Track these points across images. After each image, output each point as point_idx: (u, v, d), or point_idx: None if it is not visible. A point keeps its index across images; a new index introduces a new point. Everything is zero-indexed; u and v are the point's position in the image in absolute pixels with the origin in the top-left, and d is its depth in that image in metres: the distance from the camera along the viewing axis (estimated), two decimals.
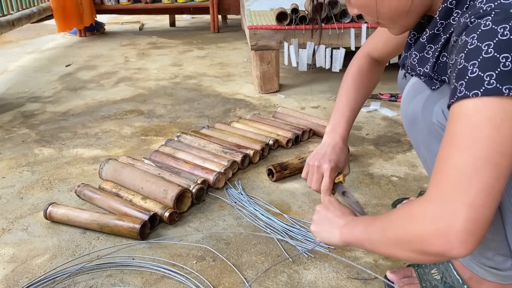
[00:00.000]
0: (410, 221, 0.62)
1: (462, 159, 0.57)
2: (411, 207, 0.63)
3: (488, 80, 0.57)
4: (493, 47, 0.58)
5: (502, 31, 0.58)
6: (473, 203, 0.56)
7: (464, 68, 0.60)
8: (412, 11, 0.74)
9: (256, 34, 2.18)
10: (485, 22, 0.60)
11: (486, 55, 0.58)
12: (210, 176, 1.37)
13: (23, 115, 2.12)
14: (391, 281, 0.95)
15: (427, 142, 0.80)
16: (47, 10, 3.56)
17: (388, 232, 0.67)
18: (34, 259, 1.10)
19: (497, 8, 0.60)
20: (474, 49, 0.60)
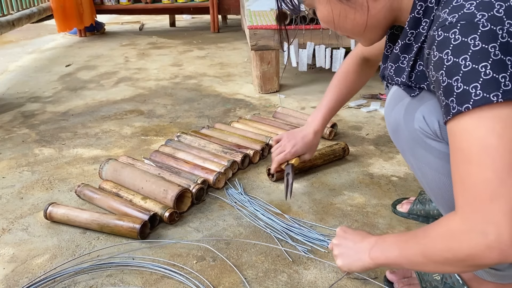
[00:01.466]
0: (455, 241, 0.62)
1: (483, 173, 0.59)
2: (450, 228, 0.63)
3: (474, 91, 0.59)
4: (470, 60, 0.59)
5: (473, 42, 0.59)
6: (510, 210, 0.57)
7: (449, 85, 0.61)
8: (375, 25, 0.77)
9: (256, 34, 2.18)
10: (454, 36, 0.61)
11: (465, 68, 0.59)
12: (210, 176, 1.37)
13: (23, 115, 2.12)
14: (391, 281, 0.95)
15: (412, 148, 0.81)
16: (47, 10, 3.56)
17: (431, 255, 0.66)
18: (34, 259, 1.10)
19: (462, 19, 0.61)
20: (452, 65, 0.61)
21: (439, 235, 0.65)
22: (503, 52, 0.58)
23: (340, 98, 1.26)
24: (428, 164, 0.79)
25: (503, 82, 0.58)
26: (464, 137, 0.60)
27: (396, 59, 0.80)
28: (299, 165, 1.45)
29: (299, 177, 1.45)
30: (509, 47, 0.58)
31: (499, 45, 0.58)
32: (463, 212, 0.61)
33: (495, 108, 0.58)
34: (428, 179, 0.82)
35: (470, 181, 0.60)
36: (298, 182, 1.42)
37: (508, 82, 0.58)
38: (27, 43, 3.91)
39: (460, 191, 0.62)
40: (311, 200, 1.33)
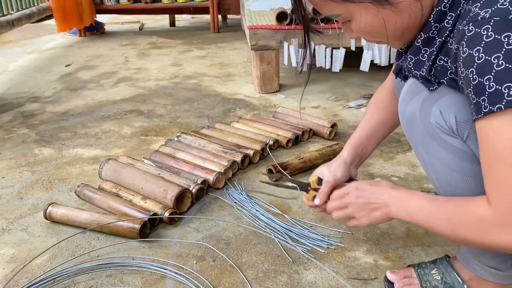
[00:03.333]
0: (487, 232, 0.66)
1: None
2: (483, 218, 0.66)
3: (507, 92, 0.58)
4: (503, 59, 0.58)
5: (507, 40, 0.58)
6: None
7: (481, 84, 0.61)
8: (414, 26, 0.75)
9: (256, 34, 2.18)
10: (486, 33, 0.59)
11: (498, 67, 0.59)
12: (210, 176, 1.37)
13: (23, 115, 2.12)
14: (391, 281, 0.95)
15: (425, 143, 0.80)
16: (47, 10, 3.56)
17: (460, 234, 0.70)
18: (34, 259, 1.10)
19: (495, 15, 0.59)
20: (484, 63, 0.60)
21: (471, 221, 0.68)
22: None
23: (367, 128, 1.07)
24: (441, 160, 0.78)
25: None
26: (496, 137, 0.61)
27: (417, 51, 0.79)
28: (298, 165, 1.45)
29: (299, 177, 1.45)
30: None
31: None
32: (497, 207, 0.63)
33: None
34: (439, 175, 0.80)
35: (503, 179, 0.62)
36: None
37: None
38: (27, 43, 3.91)
39: (493, 188, 0.64)
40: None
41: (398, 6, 0.71)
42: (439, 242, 1.11)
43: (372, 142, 1.06)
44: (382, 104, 1.05)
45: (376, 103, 1.07)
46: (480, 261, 0.85)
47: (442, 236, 0.76)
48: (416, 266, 0.94)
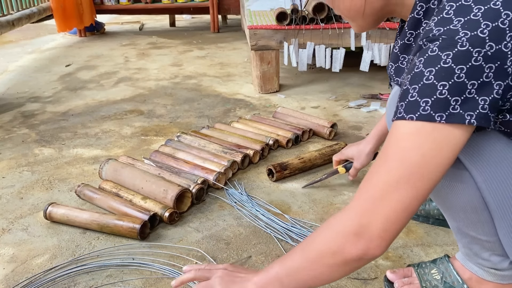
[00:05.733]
0: (332, 232, 0.67)
1: (388, 177, 0.62)
2: (331, 219, 0.69)
3: (423, 106, 0.60)
4: (434, 74, 0.59)
5: (445, 59, 0.59)
6: (389, 217, 0.62)
7: (407, 90, 0.62)
8: (368, 13, 0.75)
9: (256, 34, 2.18)
10: (432, 47, 0.61)
11: (426, 81, 0.60)
12: (210, 176, 1.37)
13: (23, 115, 2.12)
14: (391, 281, 0.95)
15: None
16: (47, 10, 3.56)
17: (309, 252, 0.69)
18: (34, 259, 1.10)
19: (444, 34, 0.60)
20: (418, 73, 0.61)
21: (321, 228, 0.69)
22: (468, 76, 0.58)
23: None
24: None
25: (453, 106, 0.59)
26: (394, 142, 0.63)
27: (396, 59, 0.80)
28: (298, 165, 1.45)
29: (299, 177, 1.45)
30: (479, 71, 0.58)
31: (467, 68, 0.58)
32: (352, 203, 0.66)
33: (434, 127, 0.60)
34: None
35: (374, 178, 0.64)
36: (298, 182, 1.42)
37: (457, 106, 0.59)
38: (27, 43, 3.91)
39: (363, 183, 0.66)
40: (311, 200, 1.32)
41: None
42: (439, 242, 1.11)
43: None
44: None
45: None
46: (477, 262, 0.85)
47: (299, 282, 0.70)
48: (416, 265, 0.94)
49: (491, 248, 0.80)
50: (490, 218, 0.75)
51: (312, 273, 0.69)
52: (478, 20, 0.59)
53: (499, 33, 0.58)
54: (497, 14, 0.59)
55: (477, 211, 0.76)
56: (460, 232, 0.84)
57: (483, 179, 0.72)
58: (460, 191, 0.76)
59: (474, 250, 0.84)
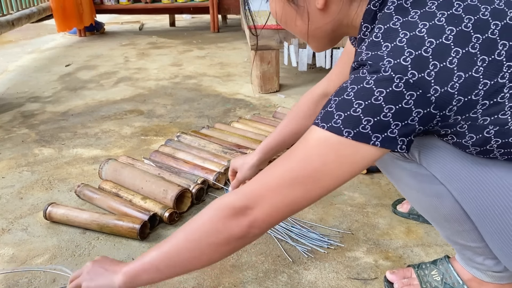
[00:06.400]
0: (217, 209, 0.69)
1: (287, 172, 0.65)
2: (217, 200, 0.71)
3: (336, 118, 0.61)
4: (355, 91, 0.61)
5: (368, 80, 0.60)
6: (276, 206, 0.66)
7: (329, 101, 0.64)
8: (321, 36, 0.76)
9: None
10: (362, 70, 0.62)
11: (346, 96, 0.61)
12: (210, 176, 1.37)
13: (23, 115, 2.12)
14: (391, 281, 0.95)
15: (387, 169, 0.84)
16: (47, 10, 3.56)
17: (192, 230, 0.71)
18: (34, 259, 1.10)
19: (371, 59, 0.61)
20: (343, 87, 0.63)
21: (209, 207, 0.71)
22: (386, 100, 0.59)
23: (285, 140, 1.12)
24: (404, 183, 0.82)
25: (363, 125, 0.60)
26: (303, 143, 0.65)
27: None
28: None
29: None
30: (398, 96, 0.58)
31: (387, 92, 0.58)
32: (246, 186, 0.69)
33: (341, 141, 0.61)
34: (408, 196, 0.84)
35: (274, 169, 0.67)
36: None
37: (368, 126, 0.60)
38: (27, 43, 3.91)
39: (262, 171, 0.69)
40: None
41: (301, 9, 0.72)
42: (439, 242, 1.11)
43: (283, 148, 1.13)
44: (302, 113, 1.09)
45: (296, 111, 1.10)
46: (473, 265, 0.85)
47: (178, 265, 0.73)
48: (416, 266, 0.94)
49: (483, 253, 0.81)
50: (474, 226, 0.76)
51: (193, 254, 0.71)
52: (403, 47, 0.59)
53: (422, 61, 0.58)
54: (421, 42, 0.59)
55: (459, 221, 0.77)
56: (449, 240, 0.85)
57: (457, 193, 0.73)
58: (440, 205, 0.77)
59: (468, 255, 0.84)
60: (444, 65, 0.58)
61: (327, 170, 0.63)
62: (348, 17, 0.72)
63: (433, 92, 0.58)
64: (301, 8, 0.72)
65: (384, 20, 0.63)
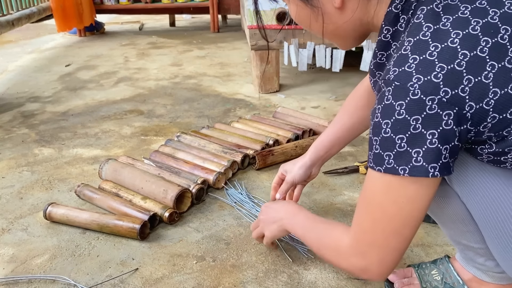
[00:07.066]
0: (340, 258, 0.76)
1: (374, 226, 0.67)
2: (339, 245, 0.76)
3: (387, 159, 0.60)
4: (390, 127, 0.59)
5: (398, 110, 0.57)
6: (383, 259, 0.69)
7: (371, 141, 0.63)
8: (343, 35, 0.75)
9: (256, 34, 2.18)
10: (387, 95, 0.59)
11: (384, 134, 0.60)
12: (210, 176, 1.37)
13: (23, 115, 2.12)
14: (391, 281, 0.95)
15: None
16: (47, 10, 3.56)
17: (322, 252, 0.82)
18: (34, 259, 1.10)
19: (397, 79, 0.58)
20: (377, 124, 0.61)
21: (331, 245, 0.79)
22: (425, 125, 0.56)
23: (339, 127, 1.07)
24: None
25: (415, 158, 0.58)
26: (370, 188, 0.66)
27: (373, 74, 0.79)
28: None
29: None
30: (435, 119, 0.56)
31: (423, 117, 0.56)
32: (352, 242, 0.72)
33: (402, 181, 0.61)
34: None
35: (368, 222, 0.68)
36: None
37: (420, 158, 0.58)
38: (27, 43, 3.91)
39: (354, 222, 0.72)
40: (311, 200, 1.32)
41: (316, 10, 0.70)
42: (439, 242, 1.11)
43: (337, 145, 1.09)
44: (356, 105, 1.04)
45: (348, 105, 1.06)
46: (474, 265, 0.85)
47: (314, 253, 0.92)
48: (416, 266, 0.94)
49: (485, 254, 0.81)
50: (478, 228, 0.76)
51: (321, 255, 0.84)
52: (433, 61, 0.56)
53: (455, 77, 0.55)
54: (454, 54, 0.55)
55: (464, 222, 0.77)
56: (453, 240, 0.85)
57: (463, 196, 0.73)
58: (447, 205, 0.77)
59: (469, 255, 0.84)
60: (479, 80, 0.55)
61: (406, 212, 0.63)
62: (367, 15, 0.70)
63: (468, 109, 0.56)
64: (316, 9, 0.71)
65: (414, 31, 0.60)
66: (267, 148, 1.55)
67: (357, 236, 0.71)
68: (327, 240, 0.80)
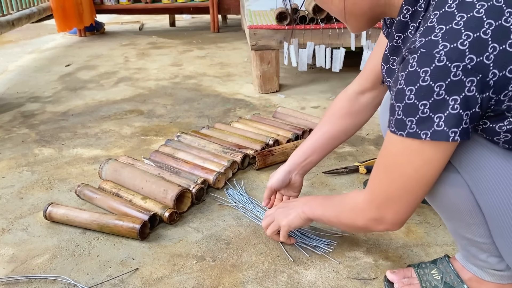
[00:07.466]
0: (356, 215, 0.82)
1: (391, 185, 0.72)
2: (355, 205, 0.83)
3: (409, 124, 0.63)
4: (414, 93, 0.61)
5: (423, 76, 0.60)
6: (398, 211, 0.74)
7: (393, 106, 0.66)
8: (358, 14, 0.76)
9: (256, 34, 2.18)
10: (411, 62, 0.61)
11: (408, 100, 0.62)
12: (210, 176, 1.37)
13: (23, 115, 2.12)
14: (391, 281, 0.95)
15: None
16: (47, 10, 3.56)
17: (341, 219, 0.88)
18: (34, 259, 1.10)
19: (423, 47, 0.60)
20: (400, 91, 0.63)
21: (348, 206, 0.85)
22: (449, 92, 0.59)
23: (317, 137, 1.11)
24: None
25: (437, 123, 0.61)
26: (391, 155, 0.70)
27: (387, 60, 0.81)
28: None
29: None
30: (459, 86, 0.58)
31: (447, 84, 0.58)
32: (368, 197, 0.78)
33: (422, 144, 0.64)
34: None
35: (383, 182, 0.74)
36: None
37: (442, 122, 0.61)
38: (27, 43, 3.91)
39: (373, 179, 0.76)
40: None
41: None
42: (439, 242, 1.11)
43: (318, 153, 1.12)
44: (338, 114, 1.09)
45: (330, 113, 1.10)
46: (475, 263, 0.85)
47: (332, 225, 1.00)
48: (416, 266, 0.94)
49: (488, 250, 0.81)
50: (484, 220, 0.76)
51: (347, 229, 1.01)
52: (460, 30, 0.58)
53: (481, 44, 0.57)
54: (479, 24, 0.57)
55: (471, 214, 0.77)
56: (456, 234, 0.84)
57: (473, 183, 0.73)
58: (454, 195, 0.76)
59: (472, 252, 0.84)
60: (504, 48, 0.57)
61: (421, 174, 0.68)
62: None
63: (492, 76, 0.58)
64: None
65: (439, 5, 0.62)
66: (267, 148, 1.55)
67: (374, 193, 0.76)
68: (344, 205, 0.87)
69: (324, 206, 0.93)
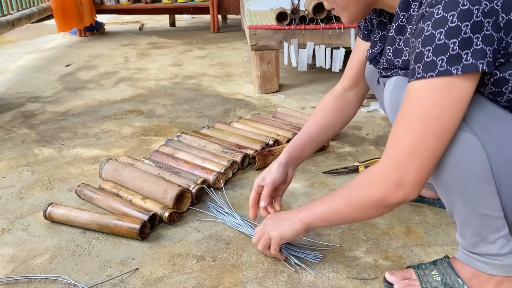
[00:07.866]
0: (373, 185, 0.79)
1: (414, 134, 0.73)
2: (371, 175, 0.80)
3: (440, 63, 0.70)
4: (444, 34, 0.69)
5: (451, 19, 0.68)
6: (421, 167, 0.75)
7: (421, 53, 0.71)
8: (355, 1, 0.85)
9: (256, 34, 2.18)
10: (437, 11, 0.70)
11: (438, 41, 0.69)
12: (210, 176, 1.37)
13: (23, 115, 2.12)
14: (390, 282, 0.95)
15: None
16: (47, 10, 3.56)
17: (352, 200, 0.84)
18: (34, 259, 1.10)
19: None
20: (429, 36, 0.70)
21: (360, 184, 0.83)
22: (473, 31, 0.68)
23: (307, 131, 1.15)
24: None
25: (465, 58, 0.69)
26: (416, 98, 0.72)
27: (393, 41, 0.87)
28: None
29: (299, 177, 1.45)
30: (480, 25, 0.68)
31: (471, 23, 0.68)
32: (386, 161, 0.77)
33: (451, 80, 0.70)
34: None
35: (402, 137, 0.75)
36: (298, 182, 1.42)
37: (469, 57, 0.69)
38: (27, 43, 3.91)
39: (391, 141, 0.77)
40: (311, 200, 1.32)
41: None
42: (439, 242, 1.11)
43: (309, 146, 1.16)
44: (326, 109, 1.16)
45: (320, 109, 1.17)
46: (479, 251, 0.84)
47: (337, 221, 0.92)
48: (416, 267, 0.94)
49: (500, 227, 0.80)
50: (495, 189, 0.78)
51: (355, 215, 0.86)
52: None
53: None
54: None
55: (485, 180, 0.77)
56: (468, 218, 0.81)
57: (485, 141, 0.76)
58: (470, 156, 0.76)
59: (483, 234, 0.82)
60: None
61: (447, 114, 0.71)
62: None
63: (501, 19, 0.69)
64: None
65: None
66: (267, 148, 1.55)
67: (393, 152, 0.76)
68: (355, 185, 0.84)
69: (327, 200, 0.90)
